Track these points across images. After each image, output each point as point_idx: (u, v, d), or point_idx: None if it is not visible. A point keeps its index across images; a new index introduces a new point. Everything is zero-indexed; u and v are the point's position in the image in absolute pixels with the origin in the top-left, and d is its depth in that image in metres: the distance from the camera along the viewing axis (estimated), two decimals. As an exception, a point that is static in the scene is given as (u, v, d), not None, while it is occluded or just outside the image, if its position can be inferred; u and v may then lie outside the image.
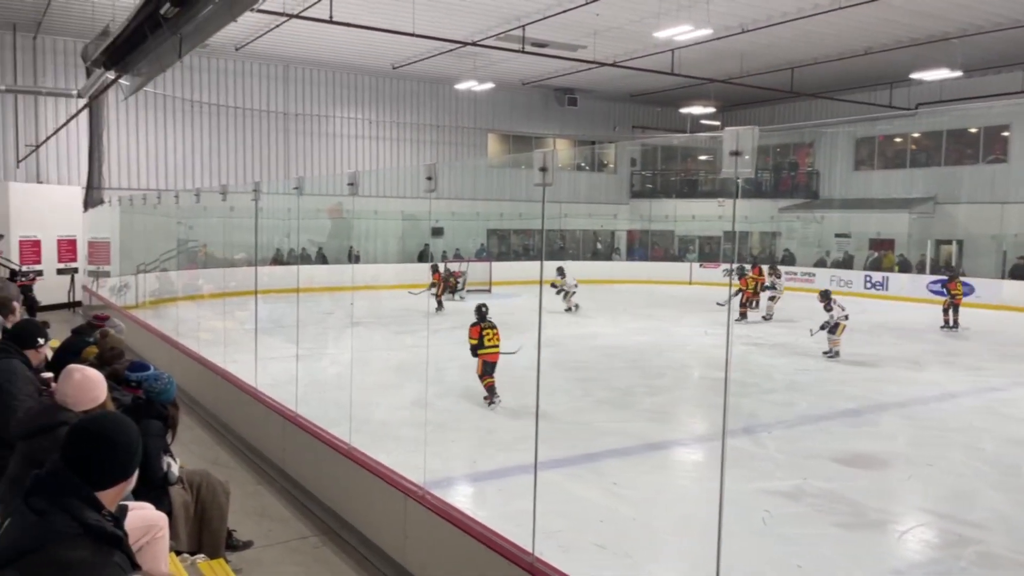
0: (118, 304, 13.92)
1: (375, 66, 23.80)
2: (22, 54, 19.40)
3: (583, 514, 5.90)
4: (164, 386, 4.47)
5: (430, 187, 5.03)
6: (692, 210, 28.51)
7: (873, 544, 5.64)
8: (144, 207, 13.69)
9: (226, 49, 21.28)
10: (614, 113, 30.20)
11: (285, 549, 5.04)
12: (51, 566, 1.88)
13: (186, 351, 9.27)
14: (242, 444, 7.26)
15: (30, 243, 15.83)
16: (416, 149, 26.40)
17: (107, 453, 2.12)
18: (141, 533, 3.26)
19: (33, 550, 1.93)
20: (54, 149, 19.77)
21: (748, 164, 2.92)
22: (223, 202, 9.86)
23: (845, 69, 22.18)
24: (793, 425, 8.81)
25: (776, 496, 6.37)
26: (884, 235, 25.54)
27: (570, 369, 11.38)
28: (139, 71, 10.06)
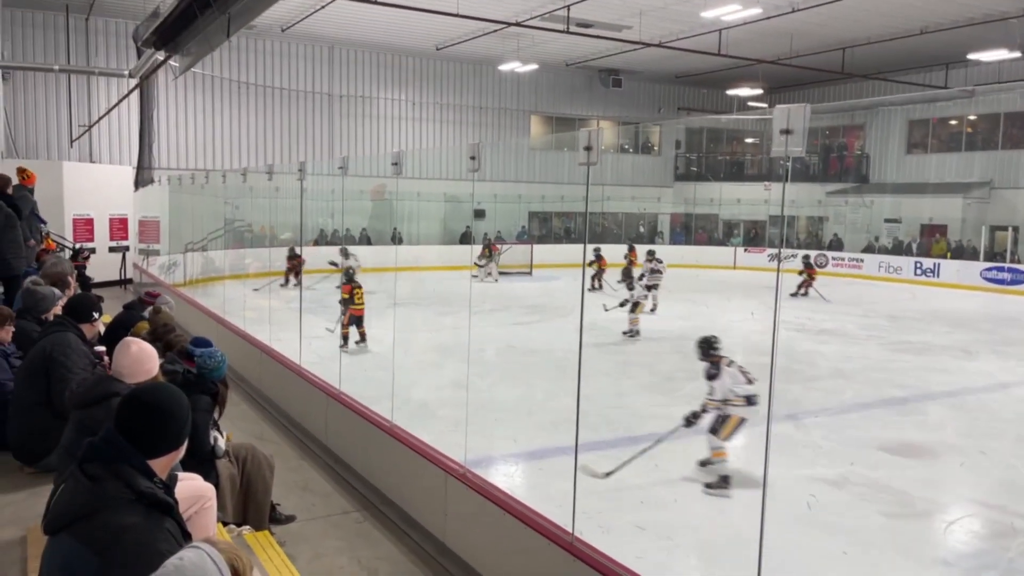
0: (167, 282, 14.22)
1: (419, 47, 23.81)
2: (75, 35, 19.83)
3: (623, 496, 5.89)
4: (217, 363, 4.54)
5: (473, 167, 5.01)
6: (738, 193, 28.08)
7: (920, 534, 5.54)
8: (192, 187, 13.93)
9: (272, 30, 21.48)
10: (659, 95, 29.81)
11: (327, 523, 5.12)
12: (104, 530, 1.93)
13: (232, 328, 9.44)
14: (286, 420, 7.38)
15: (83, 221, 16.22)
16: (459, 131, 26.41)
17: (160, 422, 2.16)
18: (190, 503, 3.33)
19: (87, 515, 1.98)
20: (106, 129, 20.21)
21: (798, 143, 2.85)
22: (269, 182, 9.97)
23: (899, 49, 21.54)
24: (838, 412, 8.66)
25: (820, 483, 6.27)
26: (936, 220, 24.88)
27: (612, 353, 11.34)
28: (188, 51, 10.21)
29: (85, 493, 2.00)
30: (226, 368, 4.62)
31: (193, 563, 1.71)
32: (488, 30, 20.25)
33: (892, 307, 17.64)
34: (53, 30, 19.58)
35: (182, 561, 1.72)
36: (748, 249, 26.88)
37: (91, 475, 2.02)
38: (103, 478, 2.00)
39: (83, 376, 4.44)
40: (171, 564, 1.71)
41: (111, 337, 5.74)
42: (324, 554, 4.66)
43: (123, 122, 20.47)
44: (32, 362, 4.56)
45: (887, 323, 15.20)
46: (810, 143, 28.59)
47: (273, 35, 22.19)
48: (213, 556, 1.73)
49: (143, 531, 1.95)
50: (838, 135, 29.00)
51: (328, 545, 4.79)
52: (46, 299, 5.52)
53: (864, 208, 27.02)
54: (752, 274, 23.40)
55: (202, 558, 1.72)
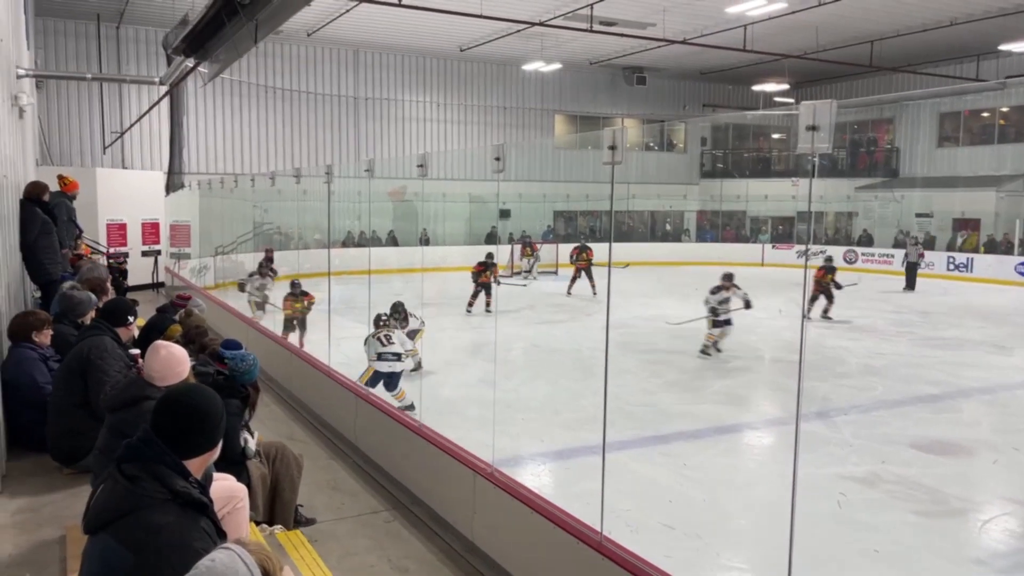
0: (198, 284, 14.43)
1: (443, 49, 23.91)
2: (106, 44, 20.20)
3: (652, 495, 5.88)
4: (248, 367, 4.60)
5: (498, 168, 5.04)
6: (765, 190, 27.82)
7: (953, 532, 5.47)
8: (222, 191, 14.11)
9: (298, 35, 21.69)
10: (684, 91, 29.63)
11: (357, 522, 5.17)
12: (142, 529, 1.99)
13: (262, 330, 9.56)
14: (316, 420, 7.46)
15: (116, 226, 16.50)
16: (483, 131, 26.47)
17: (195, 423, 2.22)
18: (224, 502, 3.39)
19: (125, 514, 2.03)
20: (137, 136, 20.55)
21: (825, 139, 2.84)
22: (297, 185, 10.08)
23: (929, 41, 21.20)
24: (869, 410, 8.57)
25: (851, 481, 6.22)
26: (969, 214, 24.46)
27: (639, 351, 11.31)
28: (217, 58, 10.35)
29: (123, 493, 2.05)
30: (258, 371, 4.68)
31: (224, 564, 1.75)
32: (511, 30, 20.28)
33: (924, 302, 17.39)
34: (85, 39, 19.95)
35: (213, 562, 1.76)
36: (776, 246, 26.63)
37: (129, 475, 2.07)
38: (140, 478, 2.06)
39: (118, 379, 4.53)
40: (203, 565, 1.75)
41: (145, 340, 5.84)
42: (354, 553, 4.71)
43: (154, 128, 20.79)
44: (70, 365, 4.66)
45: (919, 319, 15.00)
46: (838, 138, 28.23)
47: (299, 40, 22.41)
48: (244, 557, 1.77)
49: (178, 530, 2.00)
50: (867, 129, 28.63)
51: (358, 544, 4.84)
52: (82, 303, 5.64)
53: (894, 203, 26.64)
54: (780, 271, 23.18)
55: (233, 559, 1.76)
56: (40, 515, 4.23)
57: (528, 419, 7.83)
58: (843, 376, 9.99)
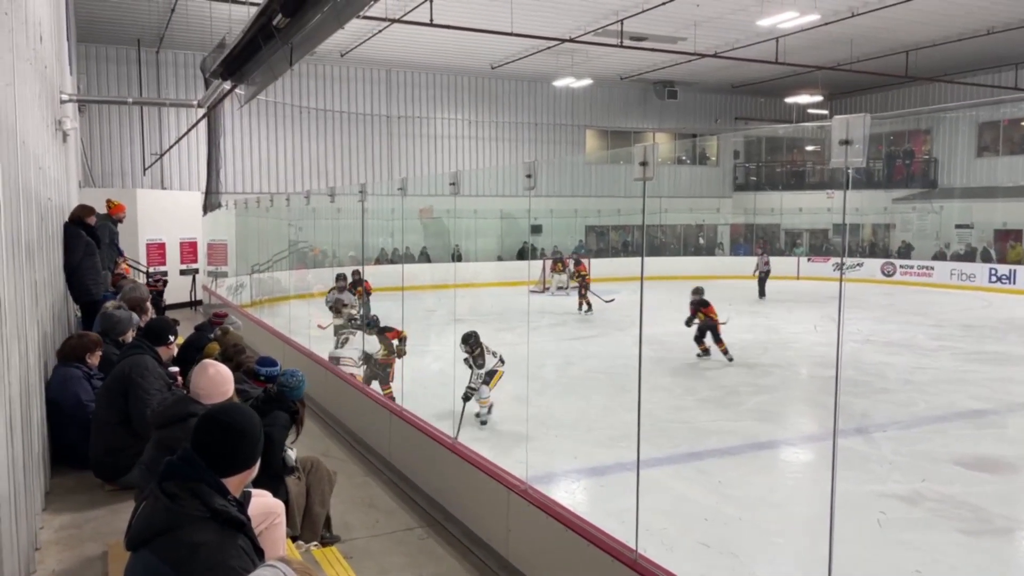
0: (235, 302, 14.65)
1: (474, 67, 24.11)
2: (146, 68, 20.70)
3: (687, 513, 5.83)
4: (297, 383, 4.68)
5: (529, 184, 5.07)
6: (799, 202, 27.53)
7: (999, 552, 5.33)
8: (257, 210, 14.34)
9: (332, 56, 22.04)
10: (716, 105, 29.51)
11: (391, 539, 5.19)
12: (181, 547, 2.02)
13: (298, 347, 9.66)
14: (351, 437, 7.51)
15: (156, 246, 16.84)
16: (514, 148, 26.59)
17: (234, 442, 2.26)
18: (261, 519, 3.43)
19: (165, 531, 2.08)
20: (176, 157, 20.99)
21: (859, 153, 2.81)
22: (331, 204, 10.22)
23: (965, 50, 20.88)
24: (909, 426, 8.40)
25: (892, 499, 6.10)
26: (1011, 225, 23.94)
27: (672, 367, 11.23)
28: (254, 80, 10.55)
29: (163, 511, 2.10)
30: (304, 388, 4.76)
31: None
32: (542, 47, 20.39)
33: (966, 316, 17.03)
34: (126, 64, 20.47)
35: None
36: (811, 259, 26.30)
37: (169, 493, 2.11)
38: (180, 496, 2.10)
39: (160, 397, 4.62)
40: None
41: (183, 358, 5.96)
42: (389, 570, 4.72)
43: (192, 149, 21.23)
44: (112, 383, 4.76)
45: (960, 332, 14.68)
46: (874, 149, 27.88)
47: (332, 60, 22.76)
48: (288, 575, 1.80)
49: (217, 548, 2.04)
50: (903, 140, 28.22)
51: (393, 561, 4.85)
52: (122, 322, 5.76)
53: (933, 214, 26.18)
54: (816, 284, 22.87)
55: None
56: (83, 531, 4.31)
57: (561, 435, 7.81)
58: (882, 392, 9.82)
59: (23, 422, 3.60)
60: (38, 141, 5.31)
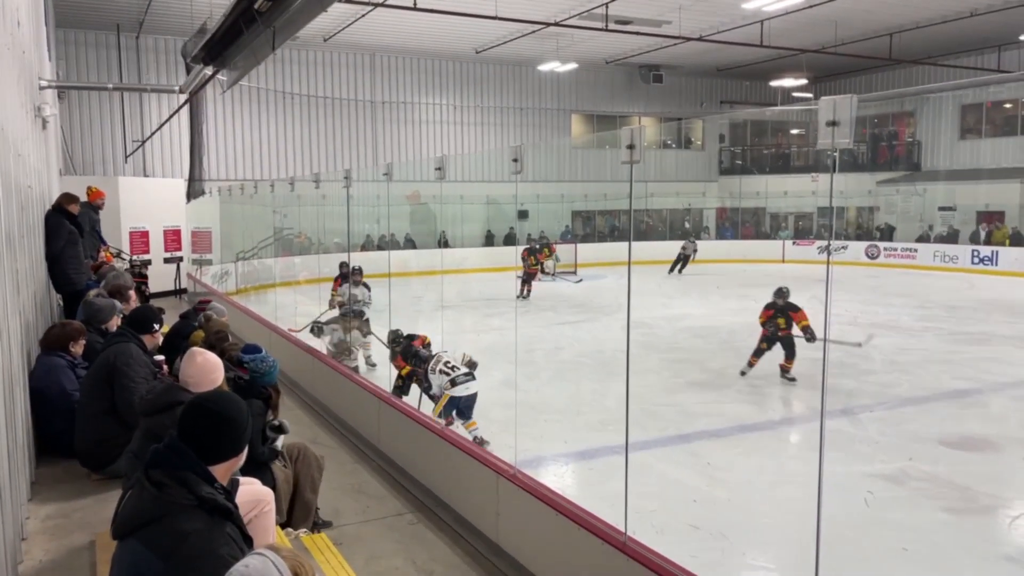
0: (220, 290, 14.55)
1: (458, 51, 23.96)
2: (126, 54, 20.42)
3: (676, 495, 5.86)
4: (268, 368, 4.65)
5: (516, 169, 5.04)
6: (784, 186, 27.61)
7: (983, 529, 5.40)
8: (241, 197, 14.23)
9: (315, 40, 21.82)
10: (701, 89, 29.48)
11: (382, 525, 5.19)
12: (169, 535, 2.00)
13: (284, 335, 9.62)
14: (339, 424, 7.50)
15: (139, 234, 16.69)
16: (500, 133, 26.49)
17: (220, 429, 2.23)
18: (250, 507, 3.41)
19: (152, 520, 2.06)
20: (158, 144, 20.76)
21: (846, 135, 2.81)
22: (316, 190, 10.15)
23: (949, 33, 20.94)
24: (895, 406, 8.47)
25: (879, 479, 6.15)
26: (993, 207, 24.13)
27: (661, 351, 11.27)
28: (236, 65, 10.43)
29: (150, 499, 2.07)
30: (277, 373, 4.73)
31: (258, 570, 1.77)
32: (527, 31, 20.27)
33: (949, 297, 17.18)
34: (105, 49, 20.18)
35: (248, 568, 1.77)
36: (797, 242, 26.42)
37: (155, 481, 2.09)
38: (167, 484, 2.08)
39: (146, 385, 4.58)
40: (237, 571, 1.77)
41: (168, 346, 5.91)
42: (380, 556, 4.72)
43: (174, 136, 21.00)
44: (96, 372, 4.72)
45: (944, 314, 14.81)
46: (858, 132, 27.95)
47: (315, 45, 22.54)
48: (277, 563, 1.78)
49: (205, 536, 2.02)
50: (887, 123, 28.33)
51: (383, 547, 4.85)
52: (103, 310, 5.71)
53: (916, 196, 26.34)
54: (802, 267, 22.98)
55: (266, 565, 1.78)
56: (70, 521, 4.29)
57: (551, 420, 7.82)
58: (868, 373, 9.89)
59: (6, 412, 3.57)
60: (17, 128, 5.22)
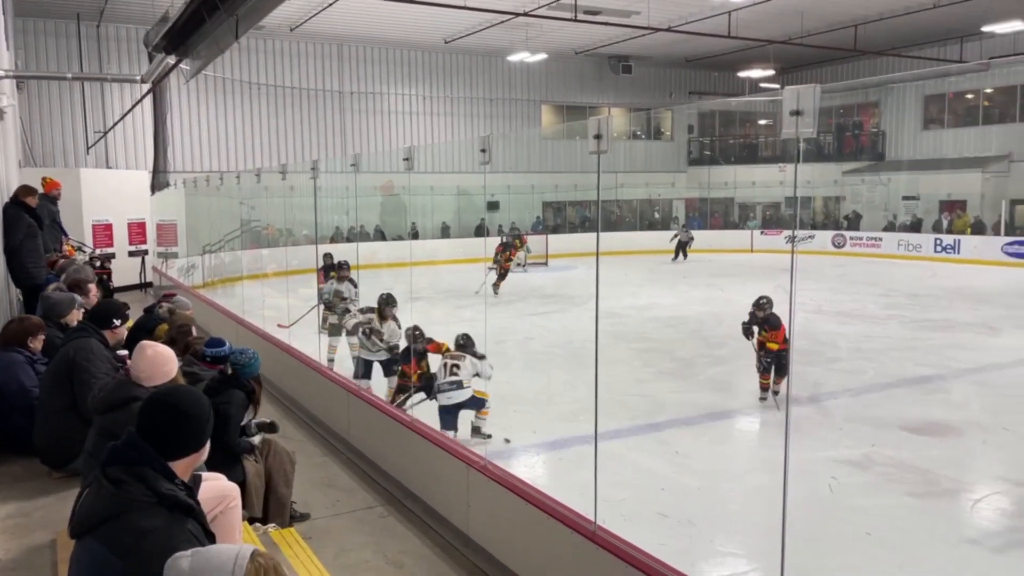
0: (186, 284, 14.34)
1: (427, 41, 23.80)
2: (87, 43, 19.99)
3: (646, 483, 5.90)
4: (248, 360, 4.62)
5: (484, 159, 5.01)
6: (752, 176, 27.87)
7: (945, 513, 5.50)
8: (207, 189, 14.02)
9: (281, 30, 21.54)
10: (670, 79, 29.61)
11: (352, 518, 5.16)
12: (128, 533, 1.96)
13: (252, 328, 9.50)
14: (308, 417, 7.44)
15: (102, 227, 16.37)
16: (470, 123, 26.40)
17: (179, 424, 2.19)
18: (215, 503, 3.36)
19: (110, 518, 2.01)
20: (121, 135, 20.38)
21: (809, 124, 2.82)
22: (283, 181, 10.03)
23: (912, 24, 21.24)
24: (860, 393, 8.61)
25: (844, 465, 6.25)
26: (955, 196, 24.57)
27: (630, 340, 11.32)
28: (199, 54, 10.26)
29: (108, 497, 2.03)
30: (259, 365, 4.70)
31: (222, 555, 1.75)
32: (496, 21, 20.18)
33: (913, 285, 17.47)
34: (65, 38, 19.73)
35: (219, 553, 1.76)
36: (765, 232, 26.70)
37: (113, 479, 2.05)
38: (125, 481, 2.03)
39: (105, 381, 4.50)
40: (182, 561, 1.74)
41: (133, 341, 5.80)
42: (350, 549, 4.69)
43: (137, 127, 20.63)
44: (56, 368, 4.63)
45: (908, 302, 15.07)
46: (824, 122, 28.30)
47: (282, 35, 22.26)
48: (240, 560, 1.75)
49: (165, 533, 1.98)
50: (852, 113, 28.70)
51: (353, 540, 4.82)
52: (60, 304, 5.59)
53: (881, 186, 26.74)
54: (770, 257, 23.25)
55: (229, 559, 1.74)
56: (31, 520, 4.21)
57: (521, 411, 7.83)
58: (834, 360, 10.03)
59: (-38, 410, 3.48)
60: (-29, 118, 5.09)
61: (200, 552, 1.84)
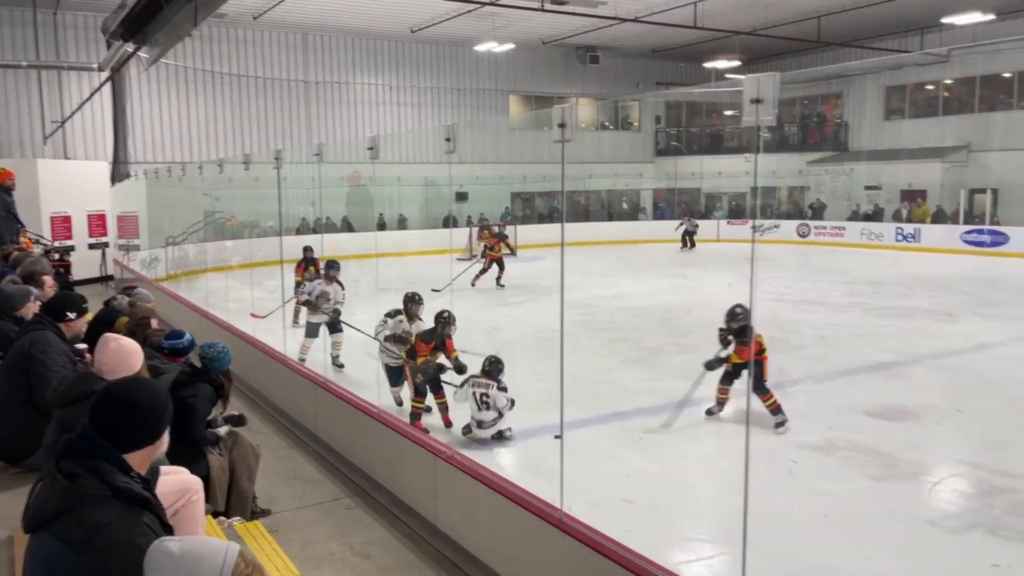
0: (148, 276, 14.12)
1: (393, 30, 23.61)
2: (43, 30, 19.49)
3: (612, 471, 5.94)
4: (217, 354, 4.56)
5: (449, 149, 4.99)
6: (719, 166, 28.11)
7: (905, 495, 5.61)
8: (169, 180, 13.80)
9: (244, 18, 21.22)
10: (637, 70, 29.71)
11: (318, 510, 5.13)
12: (82, 527, 1.93)
13: (216, 320, 9.39)
14: (274, 410, 7.37)
15: (61, 219, 16.03)
16: (437, 113, 26.26)
17: (133, 417, 2.15)
18: (176, 497, 3.32)
19: (64, 512, 1.97)
20: (80, 125, 19.94)
21: (770, 112, 2.85)
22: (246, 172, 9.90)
23: (874, 16, 21.54)
24: (823, 380, 8.74)
25: (806, 450, 6.35)
26: (916, 186, 25.02)
27: (598, 330, 11.37)
28: (157, 42, 10.07)
29: (61, 491, 1.99)
30: (229, 360, 4.64)
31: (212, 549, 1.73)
32: (462, 10, 20.07)
33: (875, 273, 17.77)
34: (21, 26, 19.23)
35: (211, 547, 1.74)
36: (731, 221, 26.96)
37: (67, 472, 2.01)
38: (79, 475, 2.00)
39: (64, 374, 4.41)
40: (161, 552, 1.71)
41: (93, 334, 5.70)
42: (316, 541, 4.67)
43: (96, 117, 20.21)
44: (12, 361, 4.53)
45: (870, 289, 15.32)
46: (788, 113, 28.62)
47: (245, 23, 21.92)
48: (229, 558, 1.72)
49: (120, 527, 1.95)
50: (816, 104, 29.04)
51: (320, 532, 4.80)
52: (12, 296, 5.47)
53: (844, 176, 27.13)
54: (736, 246, 23.48)
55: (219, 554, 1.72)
56: (-13, 517, 4.12)
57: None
58: (798, 348, 10.17)
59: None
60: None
61: (189, 539, 1.82)
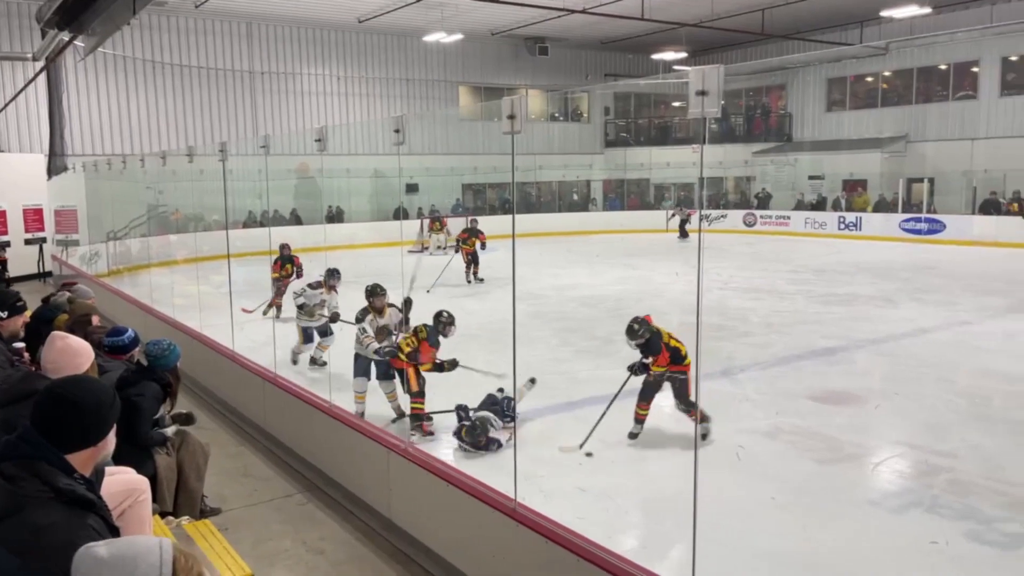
0: (90, 273, 13.73)
1: (340, 20, 23.29)
2: (-27, 18, 18.78)
3: (564, 460, 5.98)
4: (162, 352, 4.47)
5: (398, 140, 4.96)
6: (667, 157, 28.43)
7: (848, 476, 5.78)
8: (110, 172, 13.42)
9: (186, 7, 20.71)
10: (586, 61, 29.84)
11: (270, 507, 5.08)
12: (24, 530, 1.87)
13: (161, 317, 9.19)
14: (222, 407, 7.26)
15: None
16: (386, 104, 26.01)
17: (74, 416, 2.09)
18: (122, 498, 3.25)
19: (5, 516, 1.91)
20: (13, 116, 19.25)
21: (714, 104, 2.90)
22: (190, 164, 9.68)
23: (816, 9, 22.00)
24: (769, 366, 8.94)
25: (754, 435, 6.49)
26: (857, 176, 25.68)
27: (550, 320, 11.43)
28: (94, 30, 9.76)
29: (2, 494, 1.93)
30: (176, 358, 4.55)
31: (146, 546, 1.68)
32: (410, 0, 19.91)
33: (818, 261, 18.21)
34: (-52, 13, 18.50)
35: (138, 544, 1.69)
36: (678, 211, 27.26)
37: (7, 475, 1.95)
38: (20, 477, 1.94)
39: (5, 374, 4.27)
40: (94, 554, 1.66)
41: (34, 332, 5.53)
42: (268, 538, 4.62)
43: (31, 108, 19.52)
44: (-56, 362, 4.37)
45: (814, 277, 15.70)
46: (734, 104, 29.07)
47: (186, 12, 21.39)
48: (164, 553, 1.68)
49: (64, 529, 1.90)
50: (761, 95, 29.56)
51: (271, 529, 4.75)
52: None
53: (789, 166, 27.70)
54: (684, 236, 23.79)
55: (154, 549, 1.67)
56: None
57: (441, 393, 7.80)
58: (745, 335, 10.38)
59: None
60: None
61: (115, 541, 1.77)
